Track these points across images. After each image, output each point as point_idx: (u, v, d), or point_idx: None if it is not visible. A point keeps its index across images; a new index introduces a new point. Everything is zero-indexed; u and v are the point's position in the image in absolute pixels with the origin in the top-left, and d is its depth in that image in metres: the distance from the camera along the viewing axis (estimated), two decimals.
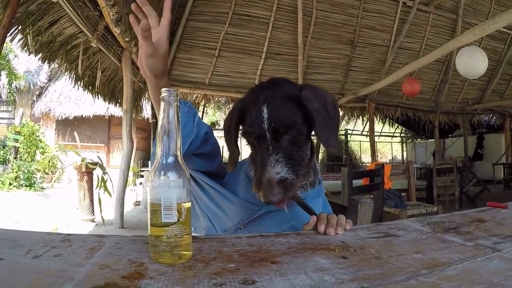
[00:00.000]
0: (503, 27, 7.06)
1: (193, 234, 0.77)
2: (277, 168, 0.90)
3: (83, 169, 6.30)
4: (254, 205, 1.17)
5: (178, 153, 0.74)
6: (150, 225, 0.72)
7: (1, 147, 12.38)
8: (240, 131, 1.01)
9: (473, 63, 5.83)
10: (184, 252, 0.71)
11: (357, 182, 4.14)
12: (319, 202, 1.25)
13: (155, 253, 0.71)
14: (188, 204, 0.73)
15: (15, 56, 12.44)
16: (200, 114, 18.19)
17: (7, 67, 12.30)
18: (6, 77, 12.68)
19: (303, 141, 1.00)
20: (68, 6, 4.08)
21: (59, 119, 13.36)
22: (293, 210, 1.10)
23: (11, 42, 4.52)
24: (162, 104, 0.73)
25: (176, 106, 0.74)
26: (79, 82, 6.23)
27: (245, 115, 0.99)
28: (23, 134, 12.02)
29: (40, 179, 11.53)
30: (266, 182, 0.88)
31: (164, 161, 0.73)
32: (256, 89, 1.05)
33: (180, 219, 0.70)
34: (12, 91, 12.99)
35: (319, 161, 14.42)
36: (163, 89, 0.74)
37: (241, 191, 1.21)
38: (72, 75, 5.96)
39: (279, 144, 0.93)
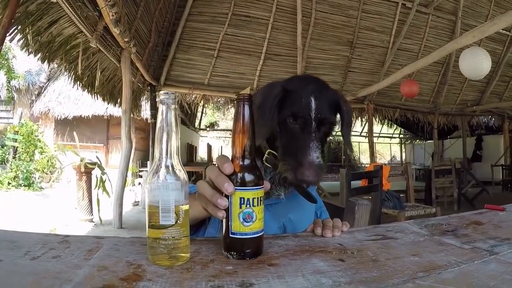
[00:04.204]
0: (502, 29, 7.08)
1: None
2: (317, 153, 0.98)
3: (82, 169, 6.29)
4: None
5: (176, 155, 0.74)
6: (148, 227, 0.72)
7: (0, 146, 12.36)
8: (287, 112, 1.04)
9: (477, 63, 5.81)
10: (182, 254, 0.71)
11: (355, 183, 4.15)
12: (313, 191, 1.27)
13: (153, 255, 0.71)
14: (186, 207, 0.73)
15: (14, 56, 12.41)
16: (199, 114, 18.24)
17: (6, 65, 12.26)
18: (5, 75, 12.63)
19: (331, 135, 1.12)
20: (68, 6, 4.06)
21: (58, 119, 13.32)
22: (290, 202, 1.15)
23: (10, 42, 4.50)
24: (161, 106, 0.73)
25: (174, 108, 0.74)
26: (78, 82, 6.22)
27: (290, 99, 1.05)
28: (21, 134, 12.00)
29: (38, 179, 11.52)
30: (310, 164, 0.95)
31: (162, 164, 0.73)
32: (298, 80, 1.13)
33: (178, 221, 0.71)
34: (10, 89, 12.94)
35: None
36: (162, 92, 0.74)
37: None
38: (71, 75, 5.95)
39: (319, 134, 1.02)
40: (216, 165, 0.81)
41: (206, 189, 0.82)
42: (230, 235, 0.77)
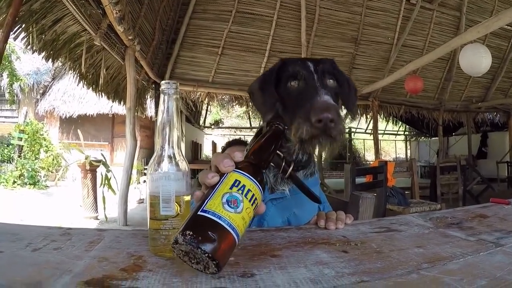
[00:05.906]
0: (507, 25, 7.02)
1: None
2: (328, 96, 0.90)
3: (87, 167, 6.31)
4: None
5: (177, 145, 0.73)
6: (150, 219, 0.71)
7: (6, 145, 12.43)
8: (287, 75, 1.03)
9: (476, 60, 5.78)
10: None
11: (360, 180, 4.14)
12: (316, 190, 1.26)
13: (154, 246, 0.70)
14: (188, 197, 0.72)
15: (18, 57, 12.44)
16: (203, 112, 18.26)
17: (8, 68, 12.30)
18: (7, 78, 12.67)
19: (337, 97, 1.05)
20: (71, 4, 4.07)
21: (63, 117, 13.39)
22: (295, 197, 1.11)
23: (14, 40, 4.49)
24: (162, 96, 0.73)
25: (175, 98, 0.73)
26: (82, 81, 6.23)
27: (289, 66, 1.04)
28: (27, 133, 12.05)
29: (44, 177, 11.57)
30: (322, 103, 0.86)
31: (163, 154, 0.72)
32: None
33: (179, 212, 0.70)
34: (11, 92, 12.96)
35: (322, 160, 14.43)
36: (163, 82, 0.73)
37: None
38: (75, 74, 5.96)
39: (326, 85, 0.98)
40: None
41: (203, 172, 0.74)
42: (199, 212, 0.61)
